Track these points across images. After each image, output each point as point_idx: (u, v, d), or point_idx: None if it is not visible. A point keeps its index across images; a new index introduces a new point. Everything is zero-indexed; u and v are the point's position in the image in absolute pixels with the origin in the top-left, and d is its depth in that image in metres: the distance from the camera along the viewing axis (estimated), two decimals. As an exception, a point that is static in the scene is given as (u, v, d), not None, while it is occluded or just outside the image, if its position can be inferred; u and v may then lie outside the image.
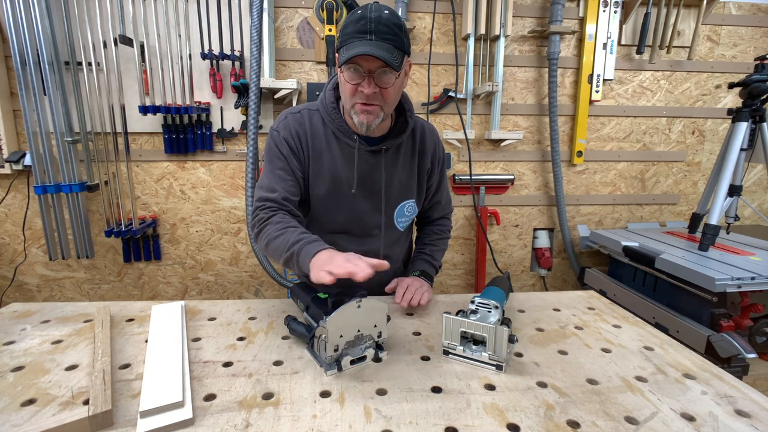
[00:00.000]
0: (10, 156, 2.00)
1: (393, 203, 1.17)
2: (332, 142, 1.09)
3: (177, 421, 0.64)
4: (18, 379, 0.76)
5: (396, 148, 1.13)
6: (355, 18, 0.92)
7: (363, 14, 0.91)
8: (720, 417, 0.68)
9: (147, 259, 2.23)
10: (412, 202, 1.21)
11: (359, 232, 1.17)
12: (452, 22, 2.16)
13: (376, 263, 0.81)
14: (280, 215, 1.03)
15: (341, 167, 1.09)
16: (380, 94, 0.97)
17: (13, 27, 1.77)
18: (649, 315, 1.82)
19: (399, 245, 1.27)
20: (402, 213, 1.20)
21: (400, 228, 1.22)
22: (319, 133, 1.09)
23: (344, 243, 1.17)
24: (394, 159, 1.13)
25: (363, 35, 0.91)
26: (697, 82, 2.37)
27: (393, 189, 1.15)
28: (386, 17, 0.91)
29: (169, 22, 1.98)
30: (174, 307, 1.05)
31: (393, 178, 1.14)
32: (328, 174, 1.10)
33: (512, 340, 0.84)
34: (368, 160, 1.10)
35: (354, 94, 0.97)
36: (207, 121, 2.10)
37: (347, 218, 1.14)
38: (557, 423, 0.66)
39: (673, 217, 2.53)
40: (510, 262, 2.48)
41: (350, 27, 0.93)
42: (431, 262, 1.28)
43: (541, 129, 2.34)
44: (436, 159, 1.22)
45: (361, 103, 0.97)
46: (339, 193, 1.11)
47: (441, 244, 1.33)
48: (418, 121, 1.19)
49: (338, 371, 0.79)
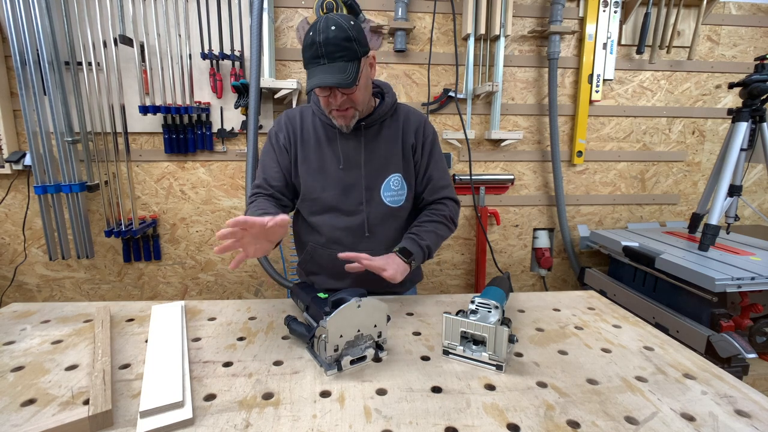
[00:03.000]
0: (10, 156, 2.00)
1: (376, 177, 1.21)
2: (318, 128, 1.22)
3: (177, 421, 0.64)
4: (18, 379, 0.76)
5: (379, 124, 1.22)
6: (308, 43, 1.02)
7: (313, 39, 1.00)
8: (720, 417, 0.68)
9: (147, 259, 2.23)
10: (398, 176, 1.23)
11: (345, 209, 1.21)
12: (452, 22, 2.16)
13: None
14: (259, 200, 1.18)
15: (325, 147, 1.21)
16: (349, 99, 1.08)
17: (13, 27, 1.77)
18: (649, 315, 1.82)
19: (389, 224, 1.23)
20: (388, 187, 1.22)
21: (388, 203, 1.22)
22: (307, 122, 1.23)
23: (333, 221, 1.22)
24: (375, 134, 1.21)
25: (317, 60, 1.01)
26: (697, 82, 2.37)
27: (374, 162, 1.20)
28: (333, 36, 0.99)
29: (169, 22, 1.98)
30: (174, 307, 1.05)
31: (374, 152, 1.20)
32: (315, 155, 1.21)
33: (512, 340, 0.84)
34: (350, 138, 1.20)
35: (327, 104, 1.11)
36: (207, 121, 2.10)
37: (333, 194, 1.20)
38: (557, 423, 0.66)
39: (673, 217, 2.53)
40: (510, 262, 2.48)
41: (306, 52, 1.03)
42: (417, 242, 1.19)
43: (541, 129, 2.34)
44: (420, 134, 1.26)
45: (335, 110, 1.10)
46: (324, 170, 1.20)
47: (431, 227, 1.24)
48: (402, 106, 1.28)
49: (338, 371, 0.79)
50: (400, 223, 1.28)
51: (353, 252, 1.09)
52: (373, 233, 1.22)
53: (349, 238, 1.22)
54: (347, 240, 1.22)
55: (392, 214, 1.24)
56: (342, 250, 1.13)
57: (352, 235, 1.22)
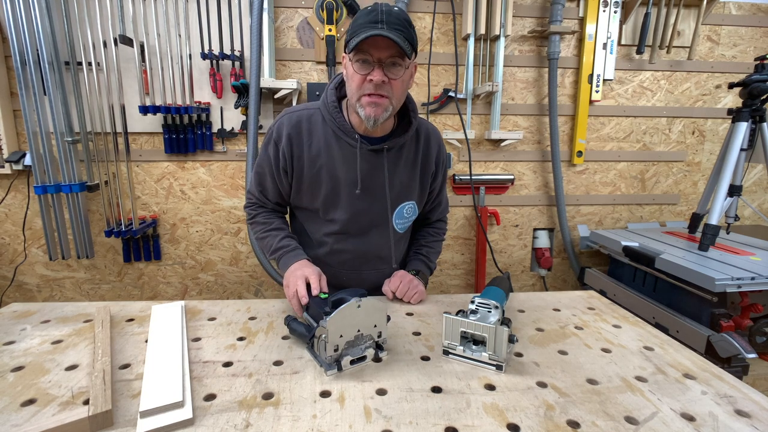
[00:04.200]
0: (10, 156, 2.00)
1: (393, 204, 1.15)
2: (332, 142, 1.08)
3: (177, 421, 0.64)
4: (18, 379, 0.76)
5: (398, 148, 1.12)
6: (366, 11, 0.94)
7: (374, 8, 0.93)
8: (720, 417, 0.68)
9: (147, 259, 2.23)
10: (412, 203, 1.20)
11: (356, 232, 1.16)
12: (452, 22, 2.16)
13: (303, 294, 0.96)
14: (263, 215, 1.21)
15: (340, 166, 1.08)
16: (389, 85, 0.96)
17: (13, 27, 1.77)
18: (649, 315, 1.82)
19: (397, 248, 1.25)
20: (401, 215, 1.19)
21: (398, 230, 1.21)
22: (317, 133, 1.08)
23: (340, 244, 1.17)
24: (396, 159, 1.12)
25: (374, 24, 0.90)
26: (697, 82, 2.37)
27: (394, 189, 1.14)
28: (397, 12, 0.93)
29: (169, 22, 1.98)
30: (174, 307, 1.05)
31: (394, 179, 1.13)
32: (327, 174, 1.09)
33: (512, 340, 0.84)
34: (369, 159, 1.09)
35: (362, 85, 0.96)
36: (207, 121, 2.10)
37: (345, 218, 1.13)
38: (557, 423, 0.66)
39: (673, 217, 2.53)
40: (510, 262, 2.48)
41: (360, 19, 0.93)
42: (427, 264, 1.28)
43: (541, 129, 2.34)
44: (440, 162, 1.23)
45: (369, 95, 0.96)
46: (337, 192, 1.11)
47: (437, 246, 1.33)
48: (422, 123, 1.18)
49: (338, 371, 0.79)
50: (405, 241, 1.31)
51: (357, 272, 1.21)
52: (381, 258, 1.21)
53: (358, 260, 1.20)
54: (356, 262, 1.20)
55: (399, 239, 1.25)
56: (348, 270, 1.20)
57: (361, 258, 1.20)
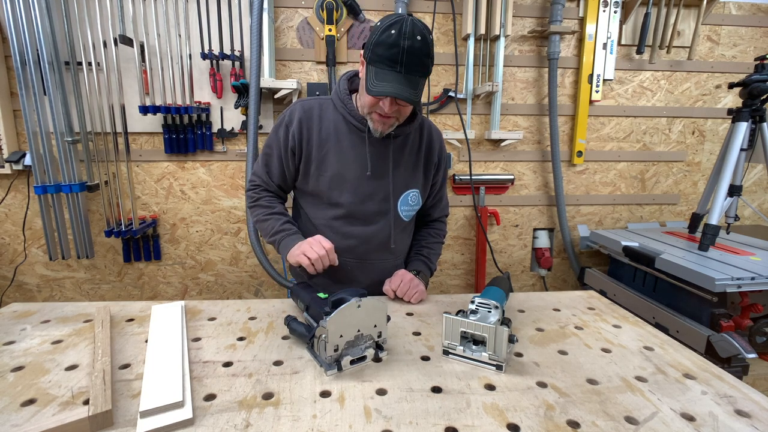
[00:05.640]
0: (10, 156, 2.00)
1: (398, 190, 1.19)
2: (341, 127, 1.14)
3: (177, 421, 0.64)
4: (18, 379, 0.76)
5: (404, 137, 1.18)
6: (390, 42, 0.93)
7: (397, 41, 0.92)
8: (720, 417, 0.68)
9: (147, 259, 2.23)
10: (416, 192, 1.23)
11: (362, 217, 1.18)
12: (452, 22, 2.16)
13: (329, 247, 1.05)
14: (266, 198, 1.22)
15: (348, 151, 1.14)
16: (399, 110, 1.05)
17: (13, 27, 1.77)
18: (649, 315, 1.82)
19: (402, 237, 1.27)
20: (406, 202, 1.22)
21: (404, 217, 1.23)
22: (328, 119, 1.15)
23: (347, 228, 1.19)
24: (401, 147, 1.18)
25: (393, 65, 0.94)
26: (697, 82, 2.37)
27: (399, 176, 1.18)
28: (417, 47, 0.93)
29: (169, 22, 1.98)
30: (174, 307, 1.05)
31: (399, 165, 1.18)
32: (335, 157, 1.14)
33: (512, 340, 0.84)
34: (376, 145, 1.15)
35: (374, 105, 1.04)
36: (207, 121, 2.10)
37: (351, 201, 1.16)
38: (557, 423, 0.66)
39: (673, 217, 2.53)
40: (510, 262, 2.48)
41: (382, 48, 0.94)
42: (428, 265, 1.30)
43: (541, 129, 2.34)
44: (443, 156, 1.28)
45: (379, 114, 1.05)
46: (344, 175, 1.15)
47: (437, 248, 1.35)
48: (425, 119, 1.25)
49: (338, 371, 0.79)
50: (408, 234, 1.32)
51: (362, 260, 1.21)
52: (385, 247, 1.22)
53: (362, 246, 1.20)
54: (360, 249, 1.20)
55: (404, 228, 1.26)
56: (352, 258, 1.20)
57: (366, 244, 1.20)
